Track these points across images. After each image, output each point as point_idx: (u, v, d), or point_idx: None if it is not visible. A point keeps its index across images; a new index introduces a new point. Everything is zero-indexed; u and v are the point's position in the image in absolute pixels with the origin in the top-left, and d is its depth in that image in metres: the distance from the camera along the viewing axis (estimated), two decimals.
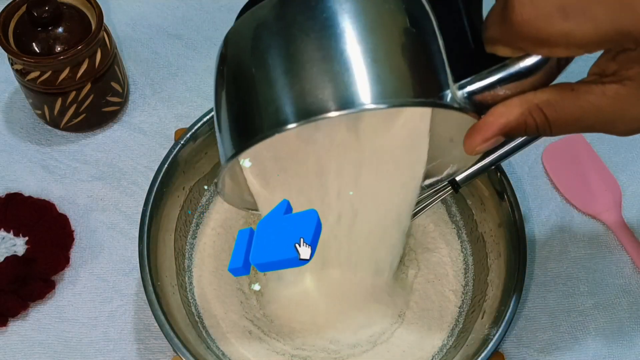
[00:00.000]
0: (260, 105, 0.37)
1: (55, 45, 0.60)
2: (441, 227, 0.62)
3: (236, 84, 0.39)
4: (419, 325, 0.57)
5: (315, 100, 0.35)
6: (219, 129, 0.41)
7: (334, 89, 0.35)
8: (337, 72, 0.35)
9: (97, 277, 0.61)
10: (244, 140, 0.38)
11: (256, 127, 0.37)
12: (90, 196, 0.65)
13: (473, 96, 0.37)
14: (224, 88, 0.40)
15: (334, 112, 0.35)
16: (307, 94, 0.36)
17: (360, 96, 0.35)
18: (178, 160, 0.57)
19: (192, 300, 0.58)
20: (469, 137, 0.37)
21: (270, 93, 0.37)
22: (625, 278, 0.61)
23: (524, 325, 0.59)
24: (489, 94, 0.36)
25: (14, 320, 0.58)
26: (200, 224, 0.62)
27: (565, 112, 0.35)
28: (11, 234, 0.61)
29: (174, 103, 0.70)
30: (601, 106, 0.34)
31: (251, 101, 0.37)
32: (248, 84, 0.38)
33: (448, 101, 0.36)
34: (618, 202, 0.64)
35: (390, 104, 0.36)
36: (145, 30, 0.75)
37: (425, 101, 0.36)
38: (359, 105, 0.35)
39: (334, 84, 0.35)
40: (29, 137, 0.68)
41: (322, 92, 0.35)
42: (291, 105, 0.36)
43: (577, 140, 0.68)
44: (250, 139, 0.37)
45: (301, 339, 0.56)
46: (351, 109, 0.35)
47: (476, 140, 0.37)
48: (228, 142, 0.39)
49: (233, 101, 0.39)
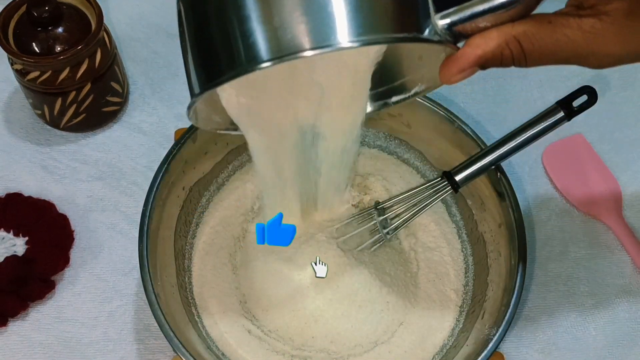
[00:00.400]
0: (238, 37, 0.36)
1: (55, 45, 0.60)
2: (442, 226, 0.62)
3: (208, 9, 0.37)
4: (421, 324, 0.57)
5: (293, 37, 0.34)
6: (191, 55, 0.39)
7: (311, 25, 0.34)
8: (314, 5, 0.34)
9: (97, 277, 0.61)
10: (221, 73, 0.37)
11: (235, 60, 0.36)
12: (90, 196, 0.65)
13: (453, 27, 0.36)
14: (193, 12, 0.38)
15: (311, 52, 0.34)
16: (285, 29, 0.34)
17: (337, 34, 0.34)
18: (178, 160, 0.57)
19: (192, 300, 0.58)
20: (446, 66, 0.37)
21: (248, 25, 0.35)
22: (626, 278, 0.61)
23: (524, 325, 0.59)
24: (469, 25, 0.36)
25: (13, 320, 0.58)
26: (200, 223, 0.62)
27: (541, 44, 0.35)
28: (11, 234, 0.61)
29: (173, 103, 0.70)
30: (576, 40, 0.35)
31: (226, 31, 0.36)
32: (223, 12, 0.36)
33: (428, 35, 0.36)
34: (618, 202, 0.64)
35: (369, 42, 0.35)
36: (145, 30, 0.75)
37: (407, 37, 0.36)
38: (337, 44, 0.34)
39: (311, 20, 0.34)
40: (28, 137, 0.68)
41: (299, 29, 0.34)
42: (269, 41, 0.35)
43: (578, 140, 0.68)
44: (227, 72, 0.36)
45: (299, 336, 0.56)
46: (328, 47, 0.34)
47: (452, 70, 0.37)
48: (202, 71, 0.38)
49: (206, 27, 0.37)
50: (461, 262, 0.60)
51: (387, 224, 0.58)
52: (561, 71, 0.72)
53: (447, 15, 0.36)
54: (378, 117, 0.62)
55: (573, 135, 0.68)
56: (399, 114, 0.62)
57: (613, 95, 0.72)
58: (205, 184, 0.62)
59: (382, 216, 0.58)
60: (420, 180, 0.64)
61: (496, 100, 0.71)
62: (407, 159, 0.65)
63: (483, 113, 0.70)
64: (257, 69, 0.35)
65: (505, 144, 0.54)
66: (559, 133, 0.58)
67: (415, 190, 0.58)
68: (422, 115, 0.60)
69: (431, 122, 0.60)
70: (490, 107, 0.71)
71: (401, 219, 0.58)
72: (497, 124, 0.69)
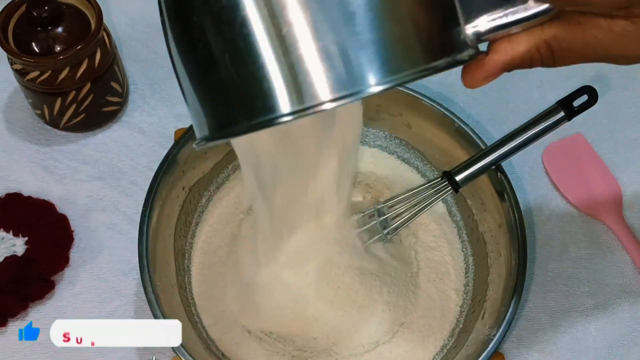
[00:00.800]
0: (250, 78, 0.31)
1: (55, 45, 0.60)
2: (442, 225, 0.62)
3: (211, 39, 0.32)
4: (421, 324, 0.57)
5: (315, 85, 0.30)
6: (193, 93, 0.34)
7: (334, 70, 0.30)
8: (337, 41, 0.30)
9: (97, 278, 0.61)
10: (230, 126, 0.33)
11: (248, 109, 0.31)
12: (90, 196, 0.65)
13: (483, 36, 0.35)
14: (189, 38, 0.33)
15: (341, 101, 0.30)
16: (303, 73, 0.30)
17: (367, 76, 0.30)
18: (178, 160, 0.57)
19: (192, 300, 0.58)
20: (470, 73, 0.36)
21: (264, 65, 0.30)
22: (626, 278, 0.61)
23: (524, 325, 0.59)
24: (500, 33, 0.34)
25: (13, 321, 0.58)
26: (199, 223, 0.62)
27: (571, 46, 0.34)
28: (11, 234, 0.61)
29: (173, 103, 0.70)
30: (607, 42, 0.34)
31: (238, 68, 0.31)
32: (232, 44, 0.31)
33: (464, 56, 0.34)
34: (619, 202, 0.64)
35: (412, 78, 0.31)
36: (145, 30, 0.75)
37: (448, 62, 0.32)
38: (367, 87, 0.30)
39: (335, 60, 0.30)
40: (28, 137, 0.68)
41: (358, 62, 0.30)
42: (289, 87, 0.30)
43: (578, 140, 0.68)
44: (238, 125, 0.32)
45: (300, 337, 0.56)
46: (358, 94, 0.30)
47: (478, 77, 0.36)
48: (211, 117, 0.34)
49: (209, 59, 0.32)
50: (462, 262, 0.60)
51: (387, 224, 0.58)
52: (561, 71, 0.72)
53: (477, 25, 0.34)
54: (378, 116, 0.62)
55: (573, 135, 0.68)
56: (399, 113, 0.62)
57: (613, 95, 0.71)
58: (205, 184, 0.62)
59: (382, 216, 0.58)
60: (420, 180, 0.64)
61: (496, 100, 0.71)
62: (407, 159, 0.65)
63: (483, 113, 0.70)
64: (287, 122, 0.30)
65: (506, 144, 0.54)
66: (559, 133, 0.58)
67: (415, 190, 0.58)
68: (422, 115, 0.60)
69: (431, 122, 0.60)
70: (491, 107, 0.70)
71: (401, 219, 0.58)
72: (498, 124, 0.69)
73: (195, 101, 0.34)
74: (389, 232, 0.58)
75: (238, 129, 0.32)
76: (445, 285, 0.59)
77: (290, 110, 0.31)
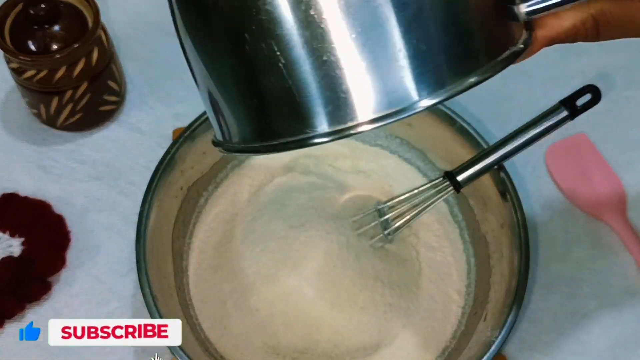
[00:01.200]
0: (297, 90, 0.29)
1: (52, 44, 0.59)
2: (445, 225, 0.61)
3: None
4: (423, 326, 0.56)
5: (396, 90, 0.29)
6: (221, 97, 0.32)
7: (392, 77, 0.29)
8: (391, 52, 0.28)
9: (94, 279, 0.60)
10: (269, 139, 0.31)
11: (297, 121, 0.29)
12: (87, 196, 0.64)
13: (538, 14, 0.34)
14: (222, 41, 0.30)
15: (401, 114, 0.29)
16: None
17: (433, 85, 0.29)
18: (176, 160, 0.57)
19: (190, 301, 0.57)
20: None
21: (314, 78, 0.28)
22: (629, 279, 0.61)
23: (526, 327, 0.58)
24: (554, 10, 0.34)
25: (10, 322, 0.58)
26: (197, 223, 0.61)
27: (617, 20, 0.35)
28: (7, 235, 0.60)
29: (171, 102, 0.70)
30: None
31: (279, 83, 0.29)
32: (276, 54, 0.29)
33: (520, 45, 0.33)
34: (622, 203, 0.64)
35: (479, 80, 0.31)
36: (143, 29, 0.74)
37: (505, 61, 0.32)
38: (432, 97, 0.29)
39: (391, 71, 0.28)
40: (25, 136, 0.67)
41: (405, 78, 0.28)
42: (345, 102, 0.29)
43: (581, 139, 0.67)
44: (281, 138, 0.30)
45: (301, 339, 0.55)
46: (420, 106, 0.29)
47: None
48: (248, 115, 0.31)
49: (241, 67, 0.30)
50: (464, 263, 0.60)
51: (389, 224, 0.58)
52: (564, 70, 0.72)
53: (532, 5, 0.33)
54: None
55: (576, 135, 0.67)
56: None
57: (617, 94, 0.71)
58: (204, 184, 0.62)
59: (384, 217, 0.58)
60: (422, 180, 0.63)
61: (499, 99, 0.71)
62: (408, 159, 0.64)
63: (485, 112, 0.69)
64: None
65: (508, 143, 0.53)
66: (562, 132, 0.58)
67: (416, 190, 0.57)
68: (423, 114, 0.59)
69: (433, 121, 0.60)
70: (493, 106, 0.70)
71: (403, 220, 0.57)
72: (500, 123, 0.68)
73: (237, 104, 0.32)
74: (390, 232, 0.58)
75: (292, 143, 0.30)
76: (447, 286, 0.59)
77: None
